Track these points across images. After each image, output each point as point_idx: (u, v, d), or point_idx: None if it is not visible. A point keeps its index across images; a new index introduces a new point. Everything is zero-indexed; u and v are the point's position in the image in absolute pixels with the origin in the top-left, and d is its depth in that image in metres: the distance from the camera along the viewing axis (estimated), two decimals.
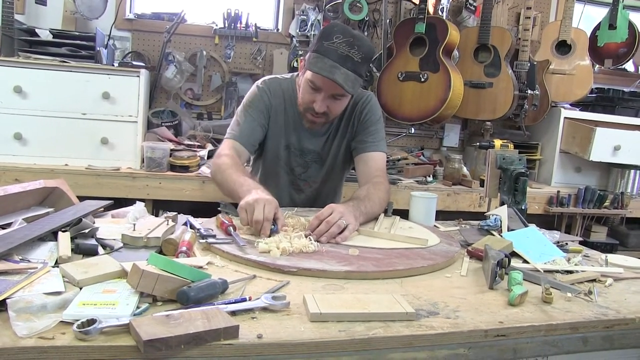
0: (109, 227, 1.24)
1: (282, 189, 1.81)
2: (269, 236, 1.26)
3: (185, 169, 2.33)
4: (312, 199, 1.85)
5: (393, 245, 1.29)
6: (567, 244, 1.48)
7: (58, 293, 0.82)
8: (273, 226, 1.29)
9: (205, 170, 2.32)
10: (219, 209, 1.52)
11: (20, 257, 0.97)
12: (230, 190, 1.52)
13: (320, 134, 1.78)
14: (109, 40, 2.65)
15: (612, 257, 1.35)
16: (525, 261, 1.26)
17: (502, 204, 1.62)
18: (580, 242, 1.58)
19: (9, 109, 2.21)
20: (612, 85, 3.32)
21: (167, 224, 1.24)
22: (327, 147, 1.81)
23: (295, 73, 1.82)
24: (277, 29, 3.07)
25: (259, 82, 1.77)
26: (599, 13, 3.43)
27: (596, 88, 3.17)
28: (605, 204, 2.80)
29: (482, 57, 2.86)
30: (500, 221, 1.49)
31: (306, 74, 1.59)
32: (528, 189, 1.64)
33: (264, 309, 0.86)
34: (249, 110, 1.72)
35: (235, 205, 1.54)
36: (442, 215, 1.90)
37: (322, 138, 1.79)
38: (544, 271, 1.20)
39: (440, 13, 2.97)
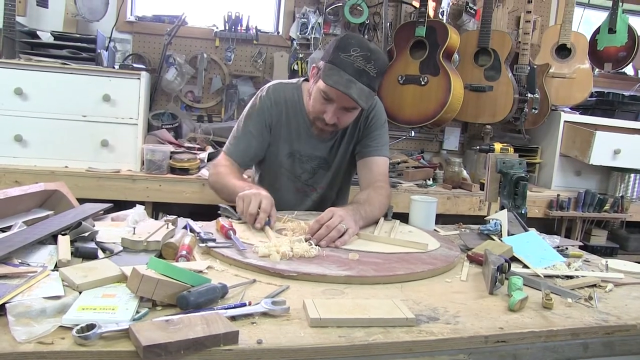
0: (109, 231, 1.24)
1: (286, 195, 1.80)
2: (262, 229, 1.33)
3: (185, 171, 2.33)
4: (318, 204, 1.84)
5: (393, 250, 1.28)
6: (567, 248, 1.47)
7: (57, 297, 0.82)
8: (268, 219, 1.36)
9: (205, 172, 2.32)
10: (219, 212, 1.52)
11: (20, 261, 0.97)
12: (231, 194, 1.55)
13: (327, 140, 1.78)
14: (109, 42, 2.65)
15: (613, 262, 1.35)
16: (525, 266, 1.26)
17: (502, 208, 1.62)
18: (580, 246, 1.59)
19: (9, 110, 2.21)
20: (612, 89, 3.32)
21: (167, 228, 1.24)
22: (333, 152, 1.80)
23: (302, 78, 1.80)
24: (278, 32, 3.07)
25: (263, 90, 1.76)
26: (599, 17, 3.44)
27: (596, 92, 3.17)
28: (605, 207, 2.80)
29: (482, 61, 2.86)
30: (500, 225, 1.49)
31: (319, 83, 1.56)
32: (528, 192, 1.64)
33: (264, 314, 0.86)
34: (248, 123, 1.73)
35: (235, 208, 1.55)
36: (442, 218, 1.90)
37: (328, 143, 1.79)
38: (544, 276, 1.20)
39: (440, 16, 2.98)
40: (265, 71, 2.98)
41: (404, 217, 1.65)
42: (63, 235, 1.09)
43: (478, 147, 2.06)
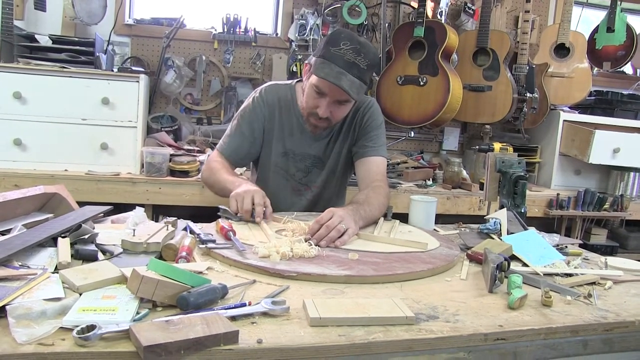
0: (109, 233, 1.24)
1: (281, 194, 1.81)
2: (262, 222, 1.39)
3: (185, 174, 2.33)
4: (313, 203, 1.85)
5: (393, 249, 1.29)
6: (566, 246, 1.48)
7: (58, 299, 0.82)
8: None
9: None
10: (218, 213, 1.52)
11: (20, 263, 0.97)
12: (222, 189, 1.64)
13: (322, 138, 1.79)
14: (108, 45, 2.65)
15: (612, 260, 1.35)
16: (524, 264, 1.26)
17: (501, 207, 1.62)
18: (580, 245, 1.59)
19: (8, 114, 2.21)
20: (611, 88, 3.33)
21: (167, 229, 1.24)
22: (328, 151, 1.82)
23: (296, 80, 1.84)
24: (276, 34, 3.08)
25: (256, 91, 1.81)
26: (597, 16, 3.44)
27: (595, 91, 3.18)
28: (605, 206, 2.80)
29: (481, 61, 2.86)
30: (500, 224, 1.49)
31: (311, 78, 1.60)
32: (527, 192, 1.64)
33: (264, 314, 0.86)
34: (241, 123, 1.78)
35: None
36: (442, 218, 1.90)
37: (323, 142, 1.80)
38: (544, 274, 1.20)
39: (438, 17, 2.98)
40: (264, 73, 2.99)
41: (403, 217, 1.65)
42: (63, 237, 1.09)
43: (477, 147, 2.07)
